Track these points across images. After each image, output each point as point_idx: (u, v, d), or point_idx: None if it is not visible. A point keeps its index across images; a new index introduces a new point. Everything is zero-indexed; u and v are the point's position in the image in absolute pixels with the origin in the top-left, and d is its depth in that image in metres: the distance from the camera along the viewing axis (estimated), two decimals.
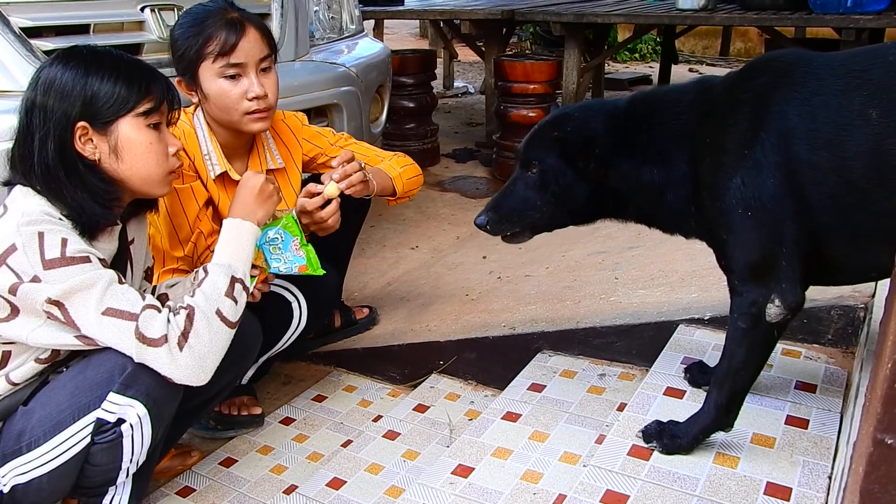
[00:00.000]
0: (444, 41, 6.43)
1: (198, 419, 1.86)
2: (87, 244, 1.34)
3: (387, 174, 2.01)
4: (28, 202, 1.32)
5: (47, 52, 1.86)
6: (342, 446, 1.93)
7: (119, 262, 1.48)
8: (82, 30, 2.01)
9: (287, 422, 2.07)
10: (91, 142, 1.35)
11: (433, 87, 4.71)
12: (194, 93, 1.79)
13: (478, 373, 2.16)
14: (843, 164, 1.18)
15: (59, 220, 1.32)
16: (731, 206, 1.26)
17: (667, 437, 1.43)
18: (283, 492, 1.77)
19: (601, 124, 1.39)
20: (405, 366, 2.27)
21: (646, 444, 1.45)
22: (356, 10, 3.16)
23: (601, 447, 1.48)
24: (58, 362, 1.42)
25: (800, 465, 1.37)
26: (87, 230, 1.36)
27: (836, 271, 1.33)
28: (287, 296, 1.98)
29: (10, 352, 1.37)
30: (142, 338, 1.30)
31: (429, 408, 2.04)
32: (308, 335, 2.10)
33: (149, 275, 1.65)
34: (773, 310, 1.27)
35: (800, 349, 1.74)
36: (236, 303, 1.42)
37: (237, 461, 1.90)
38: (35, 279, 1.26)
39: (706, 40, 9.61)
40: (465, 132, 5.45)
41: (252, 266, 1.53)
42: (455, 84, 7.24)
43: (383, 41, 4.48)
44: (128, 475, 1.44)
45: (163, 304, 1.36)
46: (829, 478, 1.34)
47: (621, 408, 1.69)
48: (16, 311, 1.30)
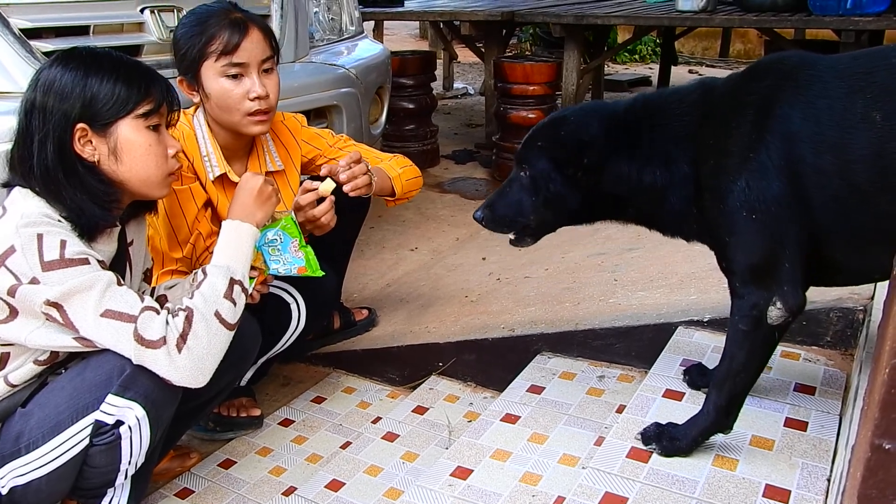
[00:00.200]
0: (443, 42, 6.43)
1: (197, 421, 1.86)
2: (86, 246, 1.34)
3: (386, 174, 2.02)
4: (27, 204, 1.32)
5: (47, 54, 1.86)
6: (341, 448, 1.93)
7: (118, 263, 1.48)
8: (82, 31, 2.02)
9: (286, 423, 2.07)
10: (90, 143, 1.35)
11: (433, 89, 4.72)
12: (196, 92, 1.78)
13: (477, 374, 2.16)
14: (847, 166, 1.18)
15: (58, 221, 1.32)
16: (734, 208, 1.25)
17: (666, 440, 1.43)
18: (283, 493, 1.77)
19: (596, 129, 1.38)
20: (404, 367, 2.27)
21: (645, 447, 1.45)
22: (356, 12, 3.16)
23: (600, 449, 1.48)
24: (56, 364, 1.42)
25: (798, 468, 1.37)
26: (87, 232, 1.36)
27: (838, 273, 1.33)
28: (286, 297, 1.98)
29: (8, 353, 1.37)
30: (140, 340, 1.30)
31: (428, 409, 2.04)
32: (307, 337, 2.10)
33: (148, 276, 1.65)
34: (775, 312, 1.27)
35: (799, 351, 1.74)
36: (235, 305, 1.42)
37: (236, 463, 1.90)
38: (34, 281, 1.26)
39: (706, 42, 9.61)
40: (465, 133, 5.45)
41: (251, 267, 1.53)
42: (455, 85, 7.24)
43: (383, 42, 4.49)
44: (126, 477, 1.43)
45: (161, 306, 1.36)
46: (828, 480, 1.34)
47: (620, 410, 1.69)
48: (14, 312, 1.30)
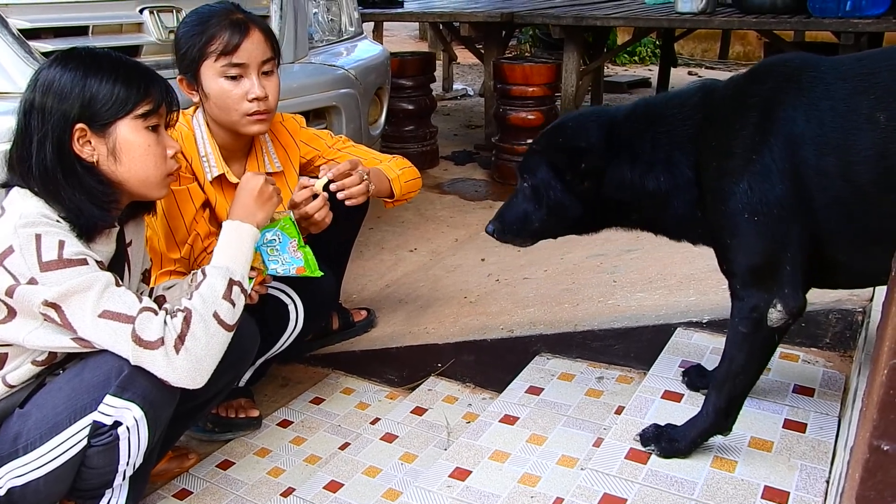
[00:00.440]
0: (443, 43, 6.43)
1: (195, 422, 1.86)
2: (85, 246, 1.34)
3: (385, 176, 2.01)
4: (26, 204, 1.32)
5: (46, 54, 1.86)
6: (340, 449, 1.93)
7: (116, 264, 1.48)
8: (81, 31, 2.02)
9: (285, 424, 2.07)
10: (89, 143, 1.35)
11: (432, 90, 4.71)
12: (195, 92, 1.79)
13: (476, 375, 2.16)
14: (850, 168, 1.17)
15: (57, 222, 1.32)
16: (736, 210, 1.25)
17: (664, 441, 1.43)
18: (281, 494, 1.77)
19: (595, 135, 1.37)
20: (403, 368, 2.27)
21: (643, 448, 1.45)
22: (355, 13, 3.16)
23: (599, 450, 1.47)
24: (55, 364, 1.42)
25: (797, 469, 1.37)
26: (85, 232, 1.36)
27: (839, 275, 1.33)
28: (284, 298, 1.98)
29: (6, 354, 1.37)
30: (138, 340, 1.29)
31: (426, 410, 2.04)
32: (306, 337, 2.09)
33: (146, 277, 1.65)
34: (775, 315, 1.27)
35: (798, 353, 1.74)
36: (234, 306, 1.42)
37: (234, 464, 1.90)
38: (32, 281, 1.25)
39: (705, 43, 9.61)
40: (464, 134, 5.45)
41: (250, 268, 1.53)
42: (454, 86, 7.24)
43: (382, 43, 4.50)
44: (124, 478, 1.43)
45: (160, 307, 1.36)
46: (827, 482, 1.33)
47: (619, 411, 1.69)
48: (12, 313, 1.30)
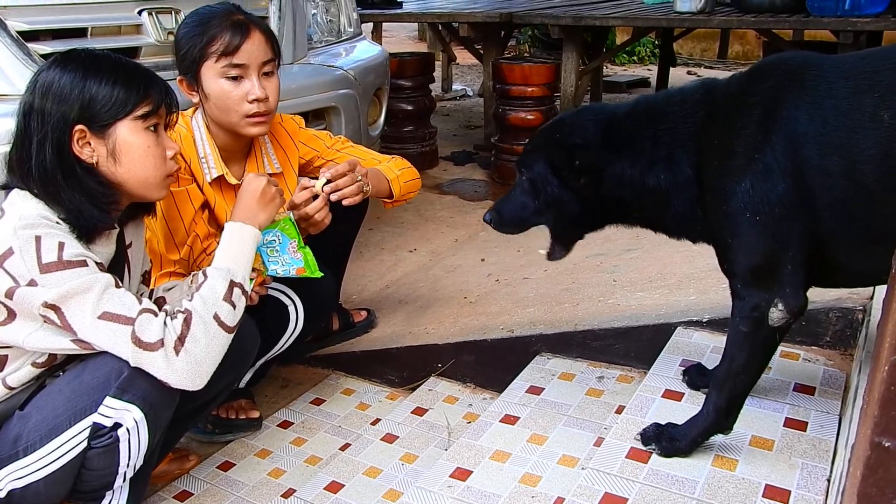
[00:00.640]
0: (442, 44, 6.43)
1: (195, 423, 1.86)
2: (85, 248, 1.34)
3: (384, 176, 2.01)
4: (25, 205, 1.32)
5: (45, 56, 1.86)
6: (340, 450, 1.93)
7: (116, 265, 1.47)
8: (80, 33, 2.02)
9: (285, 425, 2.07)
10: (89, 145, 1.35)
11: (431, 90, 4.71)
12: (195, 92, 1.78)
13: (476, 375, 2.15)
14: (854, 167, 1.16)
15: (57, 223, 1.32)
16: (737, 209, 1.24)
17: (665, 440, 1.42)
18: (282, 495, 1.77)
19: (592, 131, 1.37)
20: (403, 369, 2.27)
21: (644, 447, 1.44)
22: (354, 13, 3.16)
23: (599, 450, 1.47)
24: (54, 366, 1.42)
25: (798, 468, 1.37)
26: (85, 234, 1.36)
27: (840, 274, 1.32)
28: (283, 299, 1.98)
29: (6, 356, 1.37)
30: (138, 342, 1.29)
31: (427, 411, 2.04)
32: (306, 338, 2.09)
33: (146, 278, 1.65)
34: (776, 314, 1.26)
35: (798, 351, 1.74)
36: (234, 307, 1.41)
37: (235, 465, 1.90)
38: (32, 283, 1.25)
39: (704, 43, 9.61)
40: (464, 135, 5.45)
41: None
42: (453, 87, 7.24)
43: (381, 44, 4.49)
44: (125, 479, 1.43)
45: (160, 308, 1.36)
46: (828, 480, 1.33)
47: (620, 410, 1.69)
48: (12, 314, 1.30)
